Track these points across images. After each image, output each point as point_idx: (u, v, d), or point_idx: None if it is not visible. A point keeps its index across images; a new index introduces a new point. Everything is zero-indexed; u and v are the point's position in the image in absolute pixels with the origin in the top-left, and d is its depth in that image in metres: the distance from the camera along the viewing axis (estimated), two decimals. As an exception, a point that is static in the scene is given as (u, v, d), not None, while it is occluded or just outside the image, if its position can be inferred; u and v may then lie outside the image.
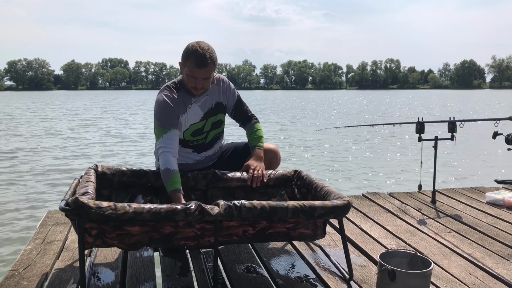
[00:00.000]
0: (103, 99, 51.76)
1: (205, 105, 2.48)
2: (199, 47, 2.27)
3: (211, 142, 2.58)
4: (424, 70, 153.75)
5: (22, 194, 6.53)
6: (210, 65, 2.30)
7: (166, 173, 2.24)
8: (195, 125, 2.47)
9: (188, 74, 2.33)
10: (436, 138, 3.32)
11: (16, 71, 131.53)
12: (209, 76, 2.35)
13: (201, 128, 2.50)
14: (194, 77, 2.32)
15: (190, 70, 2.30)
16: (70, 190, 1.98)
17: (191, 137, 2.48)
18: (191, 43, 2.33)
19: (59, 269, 2.15)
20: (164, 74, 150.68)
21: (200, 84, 2.35)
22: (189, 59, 2.28)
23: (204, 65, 2.28)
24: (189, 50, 2.29)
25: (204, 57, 2.26)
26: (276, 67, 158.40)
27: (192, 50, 2.27)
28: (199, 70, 2.28)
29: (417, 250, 2.44)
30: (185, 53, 2.31)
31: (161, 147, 2.31)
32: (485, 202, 3.47)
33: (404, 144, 11.96)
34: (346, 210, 1.95)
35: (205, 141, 2.54)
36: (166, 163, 2.25)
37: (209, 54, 2.28)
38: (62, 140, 12.89)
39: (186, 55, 2.30)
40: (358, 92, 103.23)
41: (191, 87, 2.37)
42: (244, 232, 1.97)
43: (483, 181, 6.89)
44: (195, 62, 2.27)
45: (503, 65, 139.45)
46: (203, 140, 2.53)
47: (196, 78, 2.32)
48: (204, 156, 2.58)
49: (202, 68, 2.28)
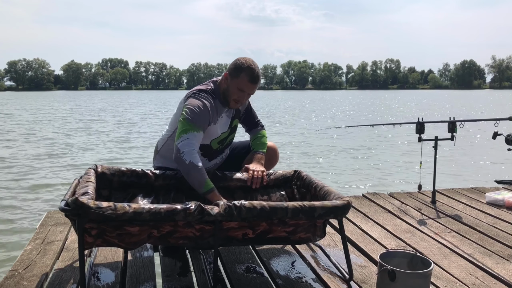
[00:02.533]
0: (102, 99, 51.75)
1: (231, 114, 2.55)
2: (253, 64, 2.36)
3: (225, 148, 2.62)
4: (424, 70, 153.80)
5: (22, 194, 6.53)
6: (259, 82, 2.40)
7: (202, 170, 2.17)
8: (224, 134, 2.53)
9: (237, 87, 2.36)
10: (436, 139, 3.32)
11: (16, 71, 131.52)
12: (254, 92, 2.44)
13: (227, 137, 2.57)
14: (243, 91, 2.37)
15: (242, 83, 2.35)
16: (70, 190, 1.98)
17: (217, 145, 2.53)
18: (243, 58, 2.39)
19: (59, 269, 2.15)
20: (164, 74, 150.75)
21: (244, 99, 2.43)
22: (243, 72, 2.34)
23: (256, 82, 2.38)
24: (244, 64, 2.35)
25: (258, 74, 2.37)
26: (276, 67, 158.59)
27: (247, 65, 2.35)
28: (251, 85, 2.36)
29: (417, 250, 2.44)
30: (239, 67, 2.35)
31: (187, 142, 2.21)
32: (485, 202, 3.47)
33: (404, 144, 11.96)
34: (346, 210, 1.95)
35: (224, 147, 2.60)
36: (199, 160, 2.18)
37: (260, 72, 2.41)
38: (63, 140, 12.89)
39: (240, 68, 2.35)
40: (358, 92, 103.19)
41: (234, 99, 2.40)
42: (244, 236, 1.97)
43: (483, 181, 6.89)
44: (249, 77, 2.34)
45: (503, 65, 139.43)
46: (223, 147, 2.58)
47: (244, 92, 2.38)
48: (213, 163, 2.59)
49: (254, 84, 2.37)
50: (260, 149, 2.60)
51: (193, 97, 2.37)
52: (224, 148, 2.60)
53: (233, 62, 2.42)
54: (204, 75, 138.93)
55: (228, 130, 2.55)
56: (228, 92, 2.41)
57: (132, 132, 15.52)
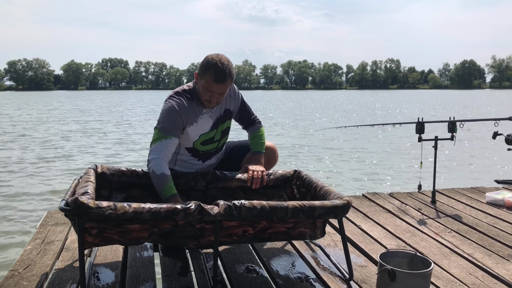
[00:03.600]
0: (102, 99, 51.76)
1: (215, 114, 2.46)
2: (219, 62, 2.23)
3: (219, 149, 2.60)
4: (424, 70, 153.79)
5: (22, 194, 6.53)
6: (228, 80, 2.26)
7: (162, 178, 2.18)
8: (205, 135, 2.45)
9: (204, 87, 2.27)
10: (436, 139, 3.32)
11: (16, 71, 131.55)
12: (225, 91, 2.31)
13: (212, 138, 2.49)
14: (210, 91, 2.27)
15: (207, 83, 2.25)
16: (70, 190, 1.98)
17: (201, 146, 2.48)
18: (211, 55, 2.28)
19: (59, 269, 2.15)
20: (164, 74, 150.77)
21: (215, 99, 2.30)
22: (208, 72, 2.23)
23: (223, 81, 2.24)
24: (209, 63, 2.24)
25: (223, 72, 2.22)
26: (276, 67, 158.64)
27: (212, 63, 2.22)
28: (216, 85, 2.24)
29: (417, 250, 2.44)
30: (204, 66, 2.25)
31: (155, 151, 2.24)
32: (485, 202, 3.47)
33: (404, 144, 11.96)
34: (346, 209, 1.95)
35: (215, 150, 2.56)
36: (161, 168, 2.19)
37: (229, 69, 2.24)
38: (62, 140, 12.89)
39: (206, 67, 2.24)
40: (358, 92, 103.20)
41: (205, 100, 2.32)
42: (244, 232, 1.97)
43: (483, 181, 6.89)
44: (214, 76, 2.22)
45: (503, 65, 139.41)
46: (213, 149, 2.54)
47: (212, 92, 2.27)
48: (208, 164, 2.58)
49: (220, 83, 2.24)
50: (259, 148, 2.58)
51: (166, 103, 2.34)
52: (216, 149, 2.56)
53: (202, 60, 2.30)
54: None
55: (213, 131, 2.47)
56: (199, 92, 2.34)
57: (132, 134, 15.51)
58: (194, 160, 2.51)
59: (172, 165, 2.48)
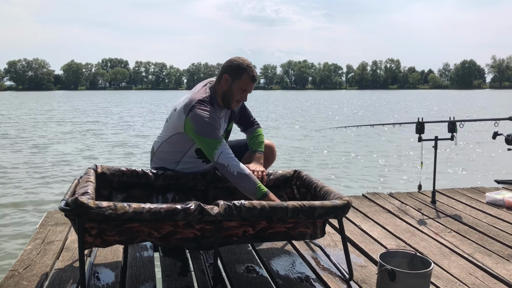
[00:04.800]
0: (102, 99, 51.78)
1: (226, 118, 2.57)
2: (249, 63, 2.42)
3: None
4: (424, 70, 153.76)
5: (22, 194, 6.53)
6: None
7: (251, 178, 2.22)
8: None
9: (240, 88, 2.41)
10: (436, 139, 3.32)
11: (16, 71, 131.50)
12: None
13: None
14: (246, 91, 2.43)
15: (245, 83, 2.40)
16: (70, 190, 1.98)
17: None
18: (238, 58, 2.43)
19: (59, 269, 2.15)
20: (164, 74, 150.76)
21: (245, 98, 2.47)
22: (245, 73, 2.39)
23: (256, 80, 2.47)
24: (243, 65, 2.40)
25: (255, 72, 2.45)
26: (276, 67, 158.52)
27: (246, 65, 2.40)
28: (252, 84, 2.44)
29: (417, 250, 2.44)
30: (239, 68, 2.39)
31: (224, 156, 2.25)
32: (485, 202, 3.47)
33: (404, 144, 11.96)
34: (346, 209, 1.95)
35: None
36: (244, 169, 2.24)
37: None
38: (62, 140, 12.89)
39: (241, 69, 2.39)
40: (358, 92, 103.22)
41: (236, 100, 2.45)
42: (244, 232, 1.97)
43: (483, 181, 6.89)
44: (252, 78, 2.41)
45: (503, 65, 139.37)
46: None
47: (245, 92, 2.43)
48: (210, 165, 2.59)
49: (254, 82, 2.45)
50: (258, 148, 2.61)
51: (197, 113, 2.31)
52: None
53: (229, 63, 2.42)
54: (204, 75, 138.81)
55: (224, 134, 2.56)
56: (230, 94, 2.42)
57: (132, 133, 15.51)
58: (199, 162, 2.53)
59: (174, 165, 2.50)
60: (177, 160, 2.49)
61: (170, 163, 2.51)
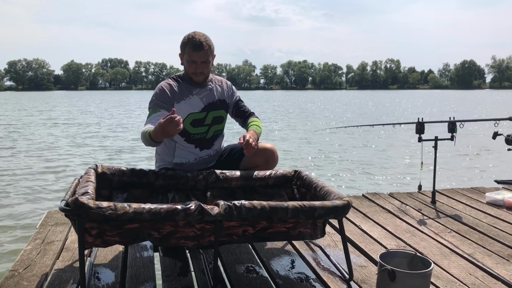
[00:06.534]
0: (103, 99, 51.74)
1: (206, 99, 2.59)
2: (195, 34, 2.47)
3: (212, 139, 2.64)
4: (424, 70, 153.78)
5: (22, 194, 6.52)
6: (206, 48, 2.45)
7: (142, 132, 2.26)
8: (195, 115, 2.55)
9: (187, 60, 2.48)
10: (436, 139, 3.32)
11: (16, 71, 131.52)
12: (207, 60, 2.49)
13: (202, 120, 2.57)
14: (194, 62, 2.47)
15: (189, 55, 2.45)
16: (70, 190, 1.98)
17: (191, 127, 2.54)
18: (188, 33, 2.51)
19: (59, 269, 2.15)
20: (164, 74, 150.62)
21: (200, 69, 2.49)
22: (187, 45, 2.45)
23: (201, 48, 2.44)
24: (186, 38, 2.47)
25: (199, 41, 2.44)
26: (276, 68, 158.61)
27: (189, 37, 2.46)
28: (197, 53, 2.44)
29: (417, 250, 2.44)
30: (183, 42, 2.48)
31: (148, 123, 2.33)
32: (485, 202, 3.47)
33: (404, 144, 11.95)
34: (346, 210, 1.95)
35: (206, 135, 2.60)
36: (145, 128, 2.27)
37: (204, 38, 2.46)
38: (62, 140, 12.89)
39: (184, 43, 2.47)
40: (358, 92, 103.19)
41: (192, 73, 2.51)
42: (244, 232, 1.97)
43: (483, 181, 6.90)
44: (192, 47, 2.43)
45: (503, 65, 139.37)
46: (204, 134, 2.59)
47: (195, 63, 2.47)
48: (206, 153, 2.62)
49: (200, 51, 2.44)
50: (253, 127, 2.62)
51: (157, 86, 2.56)
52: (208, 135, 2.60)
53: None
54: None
55: (202, 113, 2.56)
56: (185, 69, 2.54)
57: (131, 133, 15.51)
58: (191, 147, 2.57)
59: (171, 156, 2.57)
60: (172, 150, 2.57)
61: (167, 156, 2.59)
